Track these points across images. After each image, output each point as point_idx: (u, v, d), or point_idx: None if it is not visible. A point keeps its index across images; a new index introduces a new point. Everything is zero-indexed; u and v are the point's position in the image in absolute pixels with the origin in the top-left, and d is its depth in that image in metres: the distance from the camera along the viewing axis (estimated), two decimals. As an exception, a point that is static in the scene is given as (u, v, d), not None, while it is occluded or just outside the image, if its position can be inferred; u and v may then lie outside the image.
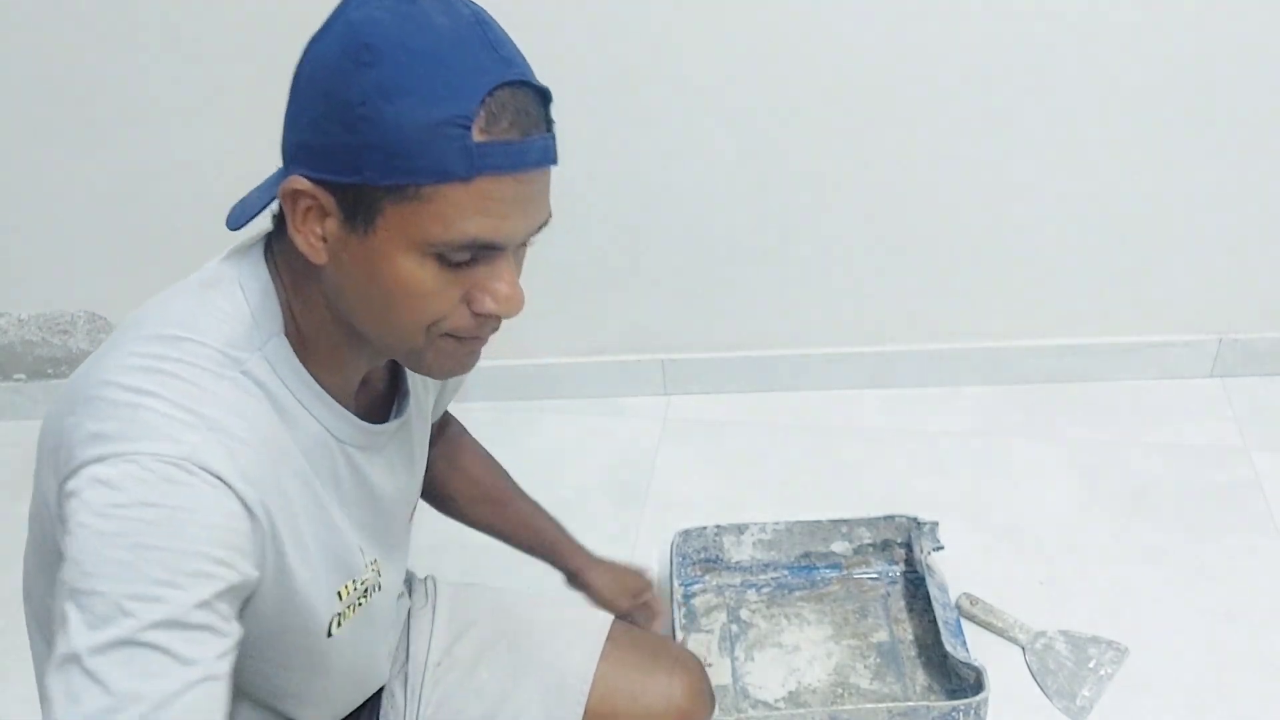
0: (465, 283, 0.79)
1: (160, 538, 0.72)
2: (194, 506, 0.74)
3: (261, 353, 0.83)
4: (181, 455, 0.74)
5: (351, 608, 0.94)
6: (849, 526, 1.75)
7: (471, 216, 0.75)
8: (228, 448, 0.77)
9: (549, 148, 0.79)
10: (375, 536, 0.98)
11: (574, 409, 2.17)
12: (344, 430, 0.89)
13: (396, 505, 1.01)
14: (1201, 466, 1.93)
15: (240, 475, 0.77)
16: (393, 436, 0.97)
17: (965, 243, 2.00)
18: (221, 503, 0.75)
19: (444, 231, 0.76)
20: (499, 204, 0.76)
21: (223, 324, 0.82)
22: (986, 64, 1.80)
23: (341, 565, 0.91)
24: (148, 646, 0.70)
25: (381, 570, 0.98)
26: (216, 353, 0.80)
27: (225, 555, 0.75)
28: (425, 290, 0.78)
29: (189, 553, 0.72)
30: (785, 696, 1.61)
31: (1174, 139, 1.86)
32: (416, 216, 0.75)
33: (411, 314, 0.80)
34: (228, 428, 0.78)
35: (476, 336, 0.83)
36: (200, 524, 0.74)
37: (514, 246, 0.80)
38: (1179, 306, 2.06)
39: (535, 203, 0.79)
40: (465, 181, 0.74)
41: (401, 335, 0.82)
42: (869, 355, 2.13)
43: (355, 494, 0.93)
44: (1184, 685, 1.60)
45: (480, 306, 0.80)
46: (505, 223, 0.77)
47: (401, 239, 0.76)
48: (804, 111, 1.85)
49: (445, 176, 0.74)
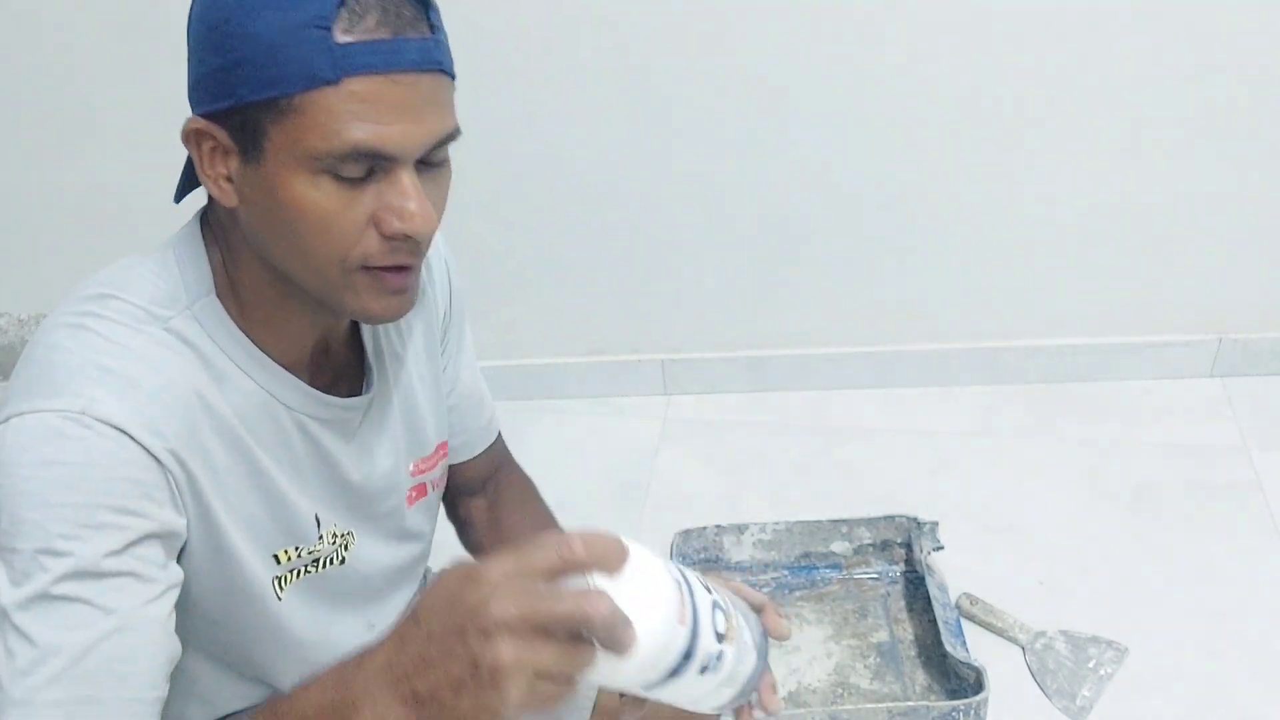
0: (368, 203, 0.77)
1: (62, 493, 0.74)
2: (92, 460, 0.75)
3: (190, 311, 0.83)
4: (79, 409, 0.75)
5: (296, 573, 0.92)
6: (849, 526, 1.75)
7: (348, 122, 0.73)
8: (132, 400, 0.77)
9: (429, 49, 0.76)
10: (348, 512, 0.96)
11: (574, 409, 2.17)
12: (292, 397, 0.88)
13: (379, 486, 0.99)
14: (1201, 466, 1.93)
15: (145, 425, 0.77)
16: (366, 414, 0.95)
17: (965, 243, 1.99)
18: (121, 453, 0.76)
19: (324, 142, 0.74)
20: (375, 108, 0.73)
21: (150, 283, 0.83)
22: (986, 65, 1.80)
23: (284, 530, 0.90)
24: (64, 599, 0.73)
25: (352, 546, 0.97)
26: (138, 309, 0.81)
27: (133, 505, 0.76)
28: (326, 213, 0.76)
29: (91, 505, 0.74)
30: (785, 696, 1.61)
31: (1174, 139, 1.86)
32: (297, 131, 0.74)
33: (320, 243, 0.78)
34: (135, 379, 0.78)
35: (394, 268, 0.80)
36: (100, 477, 0.75)
37: (410, 159, 0.77)
38: (1179, 306, 2.06)
39: (424, 110, 0.76)
40: (333, 85, 0.72)
41: (318, 272, 0.79)
42: (869, 355, 2.13)
43: (313, 465, 0.92)
44: (1184, 685, 1.60)
45: (387, 227, 0.77)
46: (389, 129, 0.74)
47: (290, 160, 0.75)
48: (804, 112, 1.85)
49: (311, 81, 0.72)
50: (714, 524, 1.76)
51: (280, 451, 0.89)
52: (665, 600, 0.64)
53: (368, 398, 0.94)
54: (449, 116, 0.79)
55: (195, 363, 0.82)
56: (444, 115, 0.78)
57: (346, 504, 0.96)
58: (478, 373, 1.13)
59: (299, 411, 0.89)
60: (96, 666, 0.74)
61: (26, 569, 0.73)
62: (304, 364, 0.90)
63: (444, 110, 0.78)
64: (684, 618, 0.65)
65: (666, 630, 0.63)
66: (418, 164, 0.78)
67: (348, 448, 0.95)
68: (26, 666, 0.72)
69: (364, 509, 0.98)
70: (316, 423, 0.91)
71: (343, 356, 0.95)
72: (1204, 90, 1.81)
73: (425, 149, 0.77)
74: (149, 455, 0.77)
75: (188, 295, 0.83)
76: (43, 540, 0.73)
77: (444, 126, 0.78)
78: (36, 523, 0.74)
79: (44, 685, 0.73)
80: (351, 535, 0.97)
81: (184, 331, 0.82)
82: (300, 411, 0.89)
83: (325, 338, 0.91)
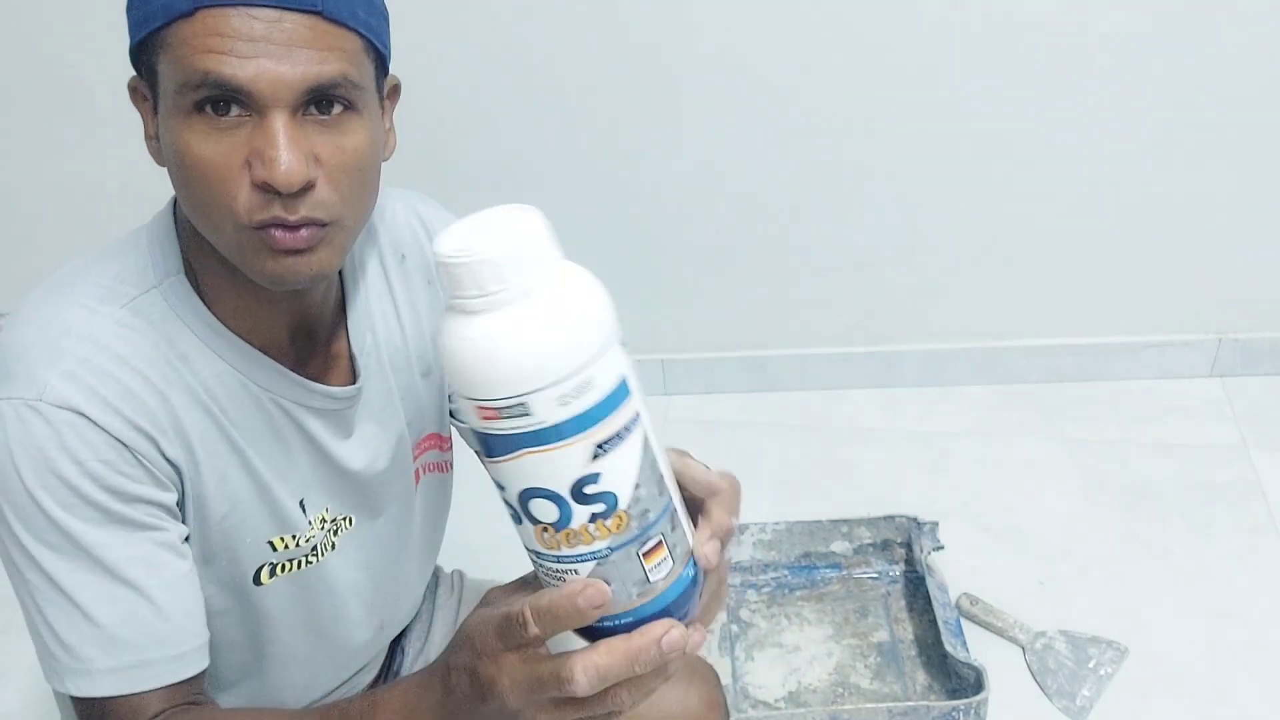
0: (241, 148, 0.74)
1: (39, 477, 0.76)
2: (60, 444, 0.76)
3: (159, 290, 0.82)
4: (34, 395, 0.76)
5: (296, 563, 0.92)
6: (849, 526, 1.75)
7: (201, 53, 0.72)
8: (87, 382, 0.77)
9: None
10: (348, 498, 0.95)
11: (574, 409, 2.17)
12: (268, 380, 0.86)
13: (382, 475, 0.97)
14: (1201, 466, 1.93)
15: (101, 406, 0.77)
16: (360, 404, 0.93)
17: (965, 243, 1.99)
18: (85, 434, 0.77)
19: (179, 72, 0.73)
20: (231, 40, 0.71)
21: (119, 262, 0.83)
22: (986, 65, 1.80)
23: (273, 516, 0.90)
24: (82, 570, 0.78)
25: (344, 531, 0.96)
26: (101, 289, 0.81)
27: (112, 480, 0.78)
28: (199, 157, 0.74)
29: (71, 486, 0.77)
30: (785, 696, 1.61)
31: (1174, 139, 1.86)
32: (167, 69, 0.74)
33: (205, 192, 0.75)
34: (88, 360, 0.78)
35: (272, 223, 0.75)
36: (70, 459, 0.77)
37: (278, 102, 0.73)
38: (1179, 306, 2.06)
39: (291, 51, 0.73)
40: (189, 17, 0.72)
41: (216, 229, 0.77)
42: (869, 355, 2.13)
43: (304, 451, 0.91)
44: (1184, 685, 1.60)
45: (254, 174, 0.74)
46: (245, 62, 0.71)
47: (169, 102, 0.75)
48: (804, 112, 1.85)
49: (170, 13, 0.72)
50: (714, 524, 1.76)
51: (261, 434, 0.87)
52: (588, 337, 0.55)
53: (356, 388, 0.92)
54: (330, 63, 0.74)
55: (158, 341, 0.81)
56: (322, 60, 0.74)
57: (346, 490, 0.95)
58: None
59: (280, 395, 0.87)
60: (137, 635, 0.80)
61: (38, 551, 0.77)
62: (283, 348, 0.88)
63: (324, 55, 0.74)
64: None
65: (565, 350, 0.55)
66: (305, 115, 0.75)
67: (346, 438, 0.93)
68: (76, 642, 0.79)
69: (368, 496, 0.97)
70: (303, 409, 0.89)
71: (334, 345, 0.93)
72: (1204, 90, 1.81)
73: (296, 93, 0.73)
74: (109, 436, 0.78)
75: (155, 274, 0.83)
76: (42, 522, 0.76)
77: (320, 72, 0.73)
78: (31, 507, 0.76)
79: (97, 656, 0.79)
80: (348, 520, 0.96)
81: (149, 310, 0.82)
82: (281, 395, 0.87)
83: (305, 321, 0.89)
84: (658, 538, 0.60)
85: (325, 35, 0.74)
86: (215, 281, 0.84)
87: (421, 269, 0.99)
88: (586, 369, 0.55)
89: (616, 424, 0.57)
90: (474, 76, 1.84)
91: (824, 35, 1.78)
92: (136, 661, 0.80)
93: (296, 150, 0.73)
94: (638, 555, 0.60)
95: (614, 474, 0.57)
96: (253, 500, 0.88)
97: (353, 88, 0.76)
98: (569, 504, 0.57)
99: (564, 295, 0.57)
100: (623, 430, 0.57)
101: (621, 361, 0.57)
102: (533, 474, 0.57)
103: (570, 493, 0.57)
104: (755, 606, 1.74)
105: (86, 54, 1.86)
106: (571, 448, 0.56)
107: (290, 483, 0.90)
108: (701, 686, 1.17)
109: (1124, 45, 1.77)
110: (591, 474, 0.56)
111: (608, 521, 0.58)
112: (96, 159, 1.96)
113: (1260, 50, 1.77)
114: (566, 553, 0.59)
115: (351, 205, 0.79)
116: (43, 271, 0.86)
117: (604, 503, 0.57)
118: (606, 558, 0.59)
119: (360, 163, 0.78)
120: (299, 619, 0.96)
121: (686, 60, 1.81)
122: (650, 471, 0.59)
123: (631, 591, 0.60)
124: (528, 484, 0.57)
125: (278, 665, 0.98)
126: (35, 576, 0.79)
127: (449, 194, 1.05)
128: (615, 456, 0.57)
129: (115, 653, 0.80)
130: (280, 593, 0.93)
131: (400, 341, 0.97)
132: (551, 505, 0.57)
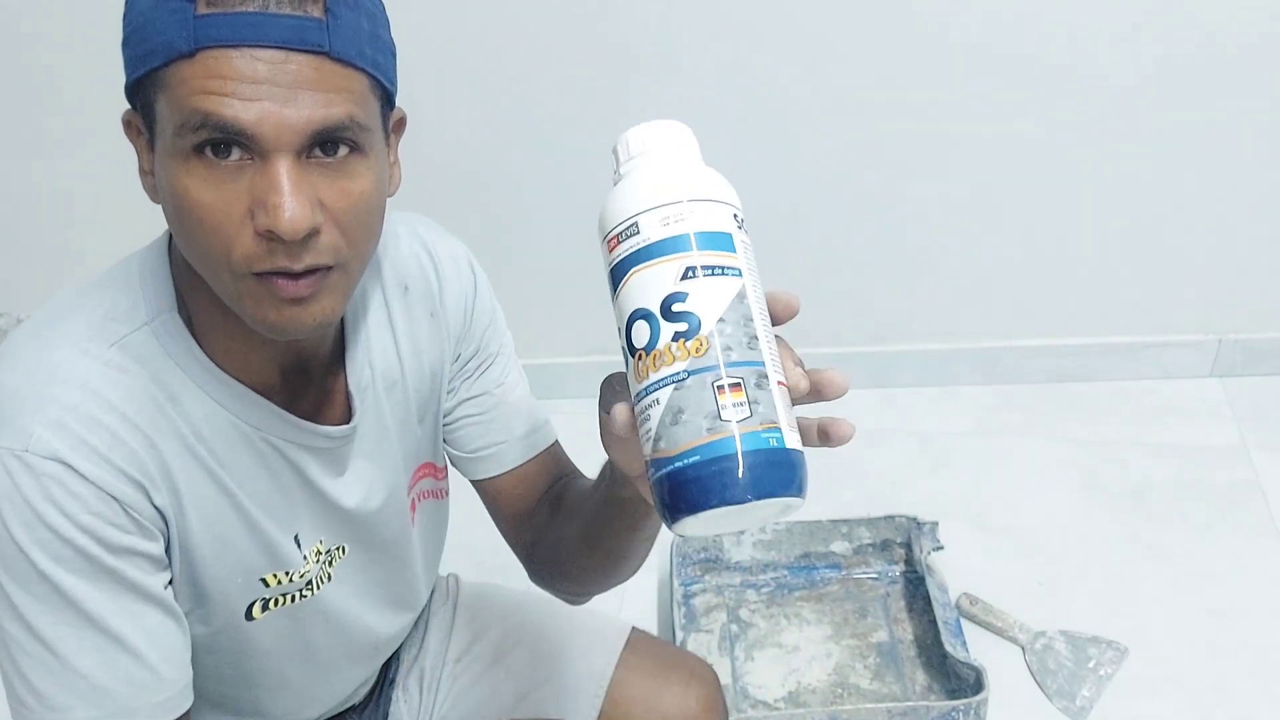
0: (242, 194, 0.71)
1: (26, 530, 0.75)
2: (47, 496, 0.75)
3: (150, 328, 0.80)
4: (21, 447, 0.74)
5: (289, 597, 0.91)
6: (849, 526, 1.75)
7: (201, 95, 0.69)
8: (75, 432, 0.76)
9: (307, 29, 0.70)
10: (341, 531, 0.94)
11: (574, 409, 2.16)
12: (260, 419, 0.84)
13: (378, 512, 0.96)
14: (1201, 466, 1.93)
15: (89, 457, 0.76)
16: (354, 443, 0.91)
17: (965, 243, 1.99)
18: (71, 486, 0.75)
19: (178, 114, 0.70)
20: (231, 83, 0.69)
21: (110, 298, 0.81)
22: (986, 65, 1.80)
23: (266, 554, 0.88)
24: (64, 624, 0.77)
25: (338, 561, 0.95)
26: (91, 328, 0.79)
27: (99, 530, 0.76)
28: (198, 201, 0.71)
29: (59, 537, 0.75)
30: (785, 696, 1.61)
31: (1174, 139, 1.86)
32: (165, 109, 0.71)
33: (202, 237, 0.73)
34: (77, 407, 0.76)
35: (275, 272, 0.73)
36: (58, 511, 0.75)
37: (282, 146, 0.70)
38: (1179, 306, 2.06)
39: (296, 93, 0.70)
40: (189, 58, 0.69)
41: (213, 274, 0.75)
42: (868, 355, 2.13)
43: (298, 487, 0.89)
44: (1184, 685, 1.60)
45: (256, 222, 0.71)
46: (247, 105, 0.69)
47: (166, 142, 0.72)
48: (804, 112, 1.85)
49: (169, 53, 0.70)
50: (714, 524, 1.76)
51: (252, 473, 0.86)
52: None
53: (350, 427, 0.90)
54: (336, 105, 0.71)
55: (147, 383, 0.79)
56: (328, 103, 0.71)
57: (339, 525, 0.94)
58: (516, 383, 1.06)
59: (271, 434, 0.85)
60: (121, 685, 0.78)
61: (20, 599, 0.76)
62: (274, 386, 0.85)
63: (329, 98, 0.71)
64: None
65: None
66: (309, 159, 0.72)
67: (339, 476, 0.92)
68: (52, 691, 0.77)
69: (362, 530, 0.96)
70: (295, 447, 0.87)
71: (329, 382, 0.90)
72: (1204, 91, 1.81)
73: (300, 136, 0.71)
74: (97, 489, 0.76)
75: (146, 310, 0.80)
76: (28, 572, 0.75)
77: (326, 115, 0.71)
78: (16, 556, 0.75)
79: (77, 705, 0.77)
80: (341, 550, 0.95)
81: (139, 349, 0.79)
82: (273, 434, 0.85)
83: (299, 359, 0.87)
84: (737, 379, 0.62)
85: (331, 76, 0.71)
86: (208, 319, 0.82)
87: (425, 300, 0.96)
88: (683, 204, 0.65)
89: (708, 259, 0.64)
90: (474, 75, 1.84)
91: (824, 36, 1.78)
92: (119, 709, 0.79)
93: (301, 197, 0.71)
94: (713, 386, 0.62)
95: (700, 300, 0.63)
96: (243, 540, 0.87)
97: (359, 129, 0.73)
98: (658, 321, 0.63)
99: (675, 160, 0.69)
100: (715, 268, 0.64)
101: (728, 224, 0.66)
102: (637, 294, 0.64)
103: (660, 309, 0.63)
104: (755, 606, 1.74)
105: (87, 52, 1.86)
106: (665, 264, 0.64)
107: (283, 520, 0.89)
108: (699, 688, 1.17)
109: (1124, 46, 1.77)
110: (679, 292, 0.63)
111: (688, 343, 0.62)
112: (96, 158, 1.96)
113: (1260, 50, 1.77)
114: (651, 379, 0.63)
115: (357, 248, 0.77)
116: (44, 271, 0.85)
117: (687, 323, 0.63)
118: (683, 382, 0.62)
119: (367, 205, 0.76)
120: (292, 649, 0.95)
121: (686, 60, 1.81)
122: (740, 320, 0.64)
123: (702, 425, 0.61)
124: (633, 306, 0.65)
125: (269, 693, 0.98)
126: (15, 627, 0.77)
127: (448, 196, 1.05)
128: (704, 285, 0.63)
129: (97, 701, 0.78)
130: (273, 626, 0.92)
131: (398, 374, 0.95)
132: (645, 326, 0.64)
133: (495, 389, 1.04)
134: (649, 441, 0.64)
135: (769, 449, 0.62)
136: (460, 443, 1.04)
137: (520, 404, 1.05)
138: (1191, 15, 1.74)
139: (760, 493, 0.62)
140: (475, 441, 1.04)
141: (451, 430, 1.03)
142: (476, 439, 1.04)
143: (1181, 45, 1.77)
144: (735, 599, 1.75)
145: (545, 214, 1.99)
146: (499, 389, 1.04)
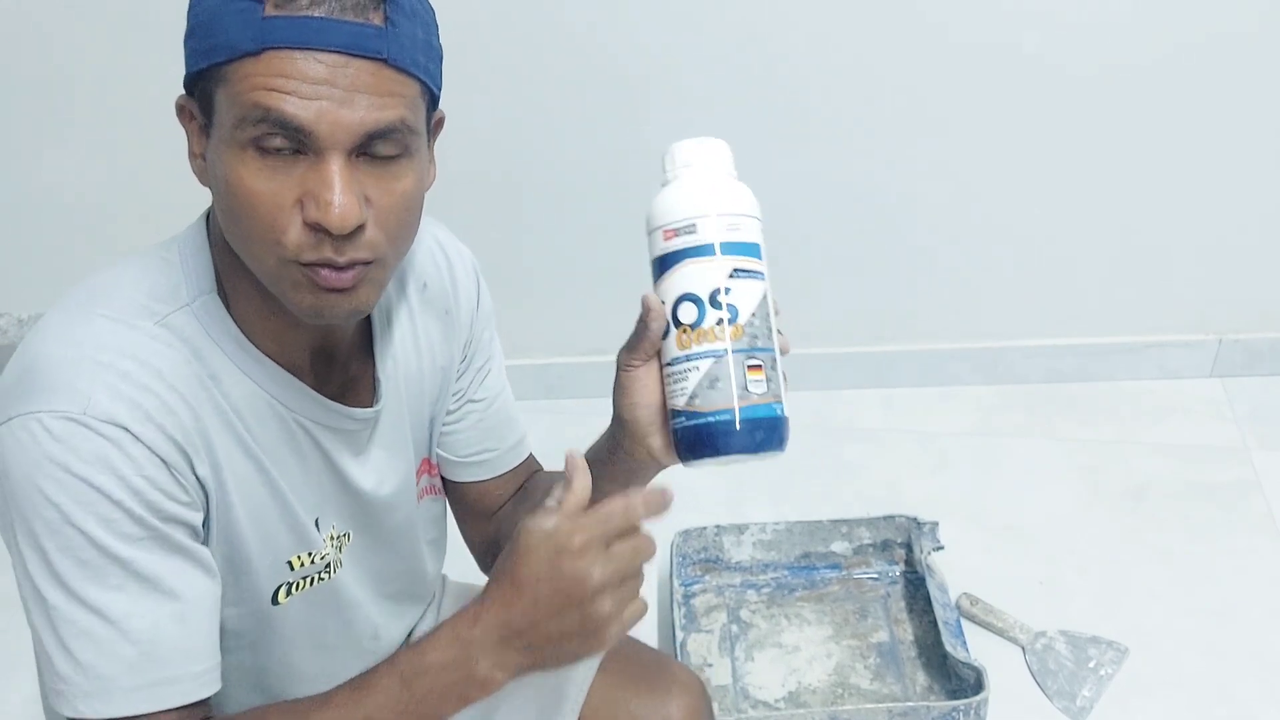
0: (294, 187, 0.75)
1: (78, 493, 0.76)
2: (101, 459, 0.76)
3: (190, 309, 0.83)
4: (79, 409, 0.76)
5: (310, 580, 0.93)
6: (849, 526, 1.75)
7: (263, 91, 0.73)
8: (130, 396, 0.77)
9: (367, 36, 0.74)
10: (351, 516, 0.96)
11: (574, 409, 2.17)
12: (293, 400, 0.87)
13: (390, 498, 0.98)
14: (1201, 466, 1.94)
15: (144, 420, 0.77)
16: (376, 427, 0.94)
17: (965, 243, 2.00)
18: (129, 449, 0.77)
19: (239, 108, 0.73)
20: (292, 82, 0.72)
21: (151, 279, 0.83)
22: (986, 64, 1.80)
23: (294, 534, 0.90)
24: (116, 589, 0.78)
25: (347, 547, 0.97)
26: (135, 305, 0.81)
27: (151, 496, 0.78)
28: (251, 191, 0.75)
29: (112, 500, 0.76)
30: (785, 696, 1.61)
31: (1174, 139, 1.86)
32: (225, 102, 0.75)
33: (252, 225, 0.76)
34: (130, 374, 0.78)
35: (321, 263, 0.76)
36: (113, 474, 0.76)
37: (337, 145, 0.74)
38: (1179, 306, 2.06)
39: (352, 96, 0.74)
40: (254, 56, 0.73)
41: (258, 259, 0.78)
42: (869, 355, 2.13)
43: (320, 469, 0.91)
44: (1184, 685, 1.60)
45: (306, 214, 0.75)
46: (306, 104, 0.72)
47: (224, 133, 0.75)
48: (804, 112, 1.86)
49: (234, 51, 0.73)
50: (714, 524, 1.76)
51: (284, 454, 0.88)
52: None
53: (375, 410, 0.93)
54: (390, 109, 0.75)
55: (191, 360, 0.81)
56: (382, 106, 0.75)
57: (352, 509, 0.96)
58: (507, 391, 1.10)
59: (302, 415, 0.88)
60: (167, 651, 0.80)
61: (66, 568, 0.76)
62: (305, 368, 0.88)
63: (384, 101, 0.75)
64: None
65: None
66: (359, 158, 0.76)
67: (358, 458, 0.94)
68: (94, 660, 0.77)
69: (372, 516, 0.98)
70: (322, 429, 0.90)
71: (353, 367, 0.93)
72: (1204, 90, 1.81)
73: (354, 136, 0.74)
74: (151, 452, 0.77)
75: (188, 292, 0.83)
76: (76, 539, 0.76)
77: (380, 118, 0.75)
78: (62, 523, 0.75)
79: (121, 674, 0.78)
80: (348, 536, 0.97)
81: (181, 328, 0.82)
82: (304, 415, 0.88)
83: (327, 343, 0.90)
84: (759, 361, 0.82)
85: (387, 81, 0.75)
86: (245, 302, 0.84)
87: (441, 298, 1.00)
88: (738, 217, 0.83)
89: (749, 265, 0.82)
90: (474, 75, 1.84)
91: (824, 36, 1.78)
92: (162, 678, 0.80)
93: (350, 194, 0.74)
94: (745, 365, 0.81)
95: (740, 296, 0.81)
96: (275, 520, 0.89)
97: (408, 132, 0.77)
98: (705, 306, 0.81)
99: (723, 174, 0.87)
100: (752, 272, 0.82)
101: (759, 236, 0.85)
102: (687, 281, 0.82)
103: (709, 297, 0.81)
104: (755, 607, 1.74)
105: (86, 52, 1.86)
106: (719, 262, 0.82)
107: (308, 502, 0.91)
108: (682, 696, 1.14)
109: (1124, 46, 1.77)
110: (725, 287, 0.81)
111: (729, 328, 0.81)
112: (97, 157, 1.96)
113: (1260, 51, 1.77)
114: (695, 350, 0.81)
115: (396, 244, 0.80)
116: (44, 271, 0.85)
117: (729, 312, 0.81)
118: (721, 358, 0.81)
119: (408, 204, 0.80)
120: (307, 637, 0.97)
121: (686, 61, 1.82)
122: (764, 317, 0.82)
123: (733, 393, 0.80)
124: (683, 290, 0.82)
125: (276, 684, 0.99)
126: (58, 595, 0.77)
127: (449, 198, 1.05)
128: (743, 285, 0.82)
129: (140, 669, 0.79)
130: (295, 611, 0.93)
131: (415, 369, 0.98)
132: (693, 307, 0.81)
133: (495, 396, 1.07)
134: (683, 395, 0.82)
135: (774, 416, 0.83)
136: (455, 446, 1.06)
137: (513, 411, 1.10)
138: (1192, 15, 1.74)
139: (763, 448, 0.83)
140: (471, 446, 1.06)
141: (449, 433, 1.05)
142: (473, 443, 1.06)
143: (1182, 45, 1.77)
144: (735, 599, 1.75)
145: (546, 215, 1.99)
146: (499, 398, 1.08)
